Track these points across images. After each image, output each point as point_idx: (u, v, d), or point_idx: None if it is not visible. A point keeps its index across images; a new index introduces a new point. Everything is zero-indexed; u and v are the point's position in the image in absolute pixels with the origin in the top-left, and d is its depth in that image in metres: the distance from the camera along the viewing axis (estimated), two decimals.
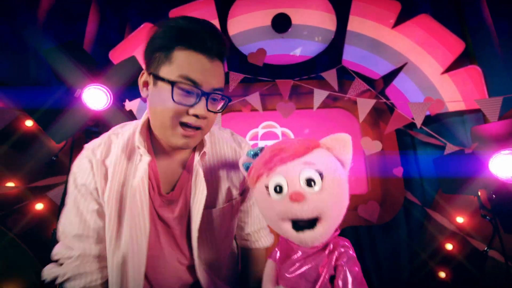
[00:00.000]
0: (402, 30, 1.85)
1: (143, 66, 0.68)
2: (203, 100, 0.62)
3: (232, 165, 0.80)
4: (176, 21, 0.62)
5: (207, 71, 0.62)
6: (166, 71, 0.61)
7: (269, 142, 1.98)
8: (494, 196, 1.05)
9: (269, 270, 0.59)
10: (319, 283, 0.49)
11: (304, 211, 0.46)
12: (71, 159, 1.50)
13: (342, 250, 0.51)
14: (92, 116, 1.36)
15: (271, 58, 1.98)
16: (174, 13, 1.89)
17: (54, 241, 1.37)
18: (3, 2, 1.65)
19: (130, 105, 1.52)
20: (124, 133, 0.74)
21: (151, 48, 0.63)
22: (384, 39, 1.88)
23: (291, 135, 2.04)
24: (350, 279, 0.48)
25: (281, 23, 1.95)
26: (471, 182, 1.07)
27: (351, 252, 0.52)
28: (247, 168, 0.58)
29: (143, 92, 0.68)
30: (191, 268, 0.77)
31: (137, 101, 1.85)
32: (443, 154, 1.74)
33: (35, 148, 1.68)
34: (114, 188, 0.68)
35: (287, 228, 0.49)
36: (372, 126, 1.97)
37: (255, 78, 1.98)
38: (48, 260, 0.70)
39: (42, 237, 1.70)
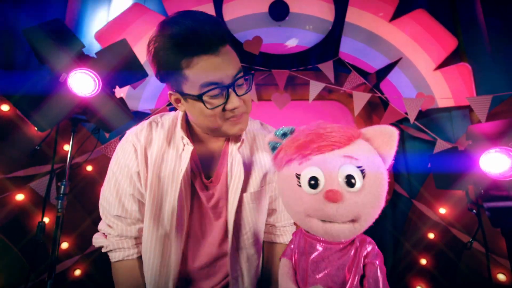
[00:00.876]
0: (399, 24, 1.86)
1: (160, 80, 0.71)
2: (231, 92, 0.65)
3: (264, 151, 0.83)
4: (170, 34, 0.61)
5: (219, 66, 0.63)
6: (188, 88, 0.65)
7: None
8: (482, 191, 1.10)
9: (286, 270, 0.52)
10: (349, 285, 0.45)
11: (339, 214, 0.41)
12: (55, 148, 1.41)
13: (370, 247, 0.47)
14: (79, 103, 1.27)
15: (267, 46, 1.92)
16: None
17: (39, 235, 1.31)
18: None
19: (120, 91, 1.43)
20: (164, 122, 0.80)
21: (165, 71, 0.66)
22: (381, 32, 1.88)
23: None
24: (381, 278, 0.44)
25: (279, 11, 1.89)
26: (462, 178, 1.12)
27: (377, 249, 0.47)
28: (273, 149, 0.52)
29: (180, 108, 0.73)
30: (224, 253, 0.80)
31: (126, 88, 1.75)
32: (430, 148, 1.80)
33: (14, 136, 1.56)
34: (155, 173, 0.74)
35: (316, 223, 0.44)
36: (365, 119, 2.00)
37: (251, 67, 1.93)
38: (30, 253, 0.73)
39: (24, 229, 1.61)
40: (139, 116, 1.74)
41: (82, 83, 1.26)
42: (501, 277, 1.60)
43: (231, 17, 1.88)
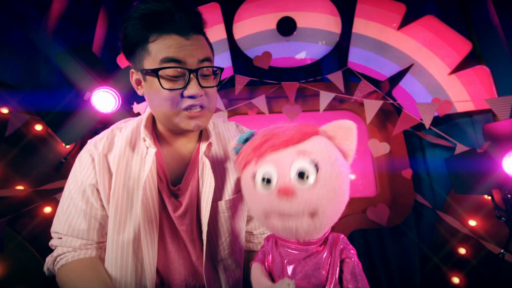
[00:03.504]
0: (408, 32, 1.85)
1: (128, 61, 0.67)
2: (193, 78, 0.60)
3: None
4: (138, 9, 0.59)
5: (186, 47, 0.59)
6: (149, 63, 0.60)
7: None
8: (509, 196, 1.02)
9: (259, 273, 0.49)
10: (328, 283, 0.43)
11: (293, 210, 0.40)
12: None
13: (344, 243, 0.46)
14: (101, 119, 1.38)
15: (276, 61, 1.99)
16: None
17: None
18: (16, 9, 1.70)
19: (138, 107, 1.54)
20: (128, 126, 0.73)
21: (128, 44, 0.62)
22: (390, 40, 1.88)
23: None
24: (358, 272, 0.43)
25: (286, 27, 1.97)
26: (484, 181, 1.04)
27: (351, 245, 0.47)
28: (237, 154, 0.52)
29: (138, 90, 0.67)
30: (199, 265, 0.73)
31: (144, 104, 1.87)
32: (452, 154, 1.71)
33: (44, 152, 1.70)
34: (120, 181, 0.67)
35: (274, 223, 0.43)
36: (379, 128, 1.95)
37: (261, 81, 1.99)
38: None
39: (50, 240, 1.70)
40: None
41: (104, 101, 1.38)
42: None
43: (241, 35, 1.99)
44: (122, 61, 1.91)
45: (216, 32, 1.91)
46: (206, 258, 0.70)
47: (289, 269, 0.46)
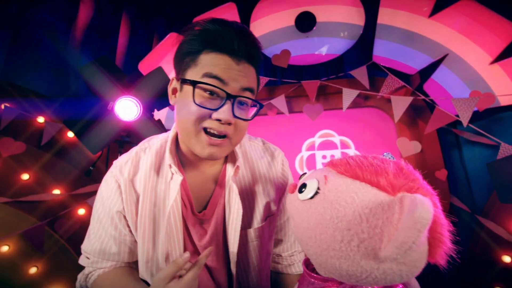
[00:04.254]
0: (441, 19, 1.68)
1: (174, 74, 0.66)
2: (228, 103, 0.57)
3: (266, 178, 0.73)
4: (202, 25, 0.59)
5: (233, 70, 0.57)
6: (192, 74, 0.58)
7: (327, 152, 1.93)
8: None
9: None
10: None
11: None
12: (106, 168, 1.59)
13: None
14: (123, 127, 1.43)
15: (296, 59, 1.92)
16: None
17: None
18: (46, 23, 1.81)
19: (158, 114, 1.57)
20: (152, 147, 0.70)
21: (180, 54, 0.62)
22: (420, 30, 1.72)
23: (351, 144, 1.91)
24: None
25: (305, 22, 1.89)
26: None
27: None
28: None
29: (171, 99, 0.65)
30: None
31: (165, 111, 1.91)
32: (495, 154, 1.54)
33: (76, 157, 1.81)
34: (146, 208, 0.65)
35: None
36: (409, 125, 1.81)
37: (280, 81, 1.93)
38: None
39: (84, 239, 1.82)
40: None
41: (126, 109, 1.42)
42: None
43: (258, 34, 1.94)
44: (143, 67, 1.96)
45: None
46: None
47: None
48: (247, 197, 0.70)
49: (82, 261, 0.72)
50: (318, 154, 1.90)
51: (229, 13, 1.91)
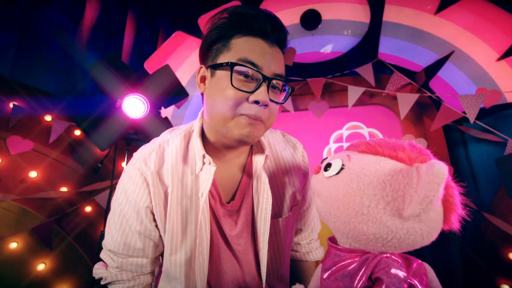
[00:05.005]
0: (447, 16, 1.68)
1: (200, 62, 0.65)
2: (264, 85, 0.56)
3: (291, 168, 0.74)
4: (233, 9, 0.59)
5: (268, 54, 0.57)
6: (224, 58, 0.58)
7: None
8: None
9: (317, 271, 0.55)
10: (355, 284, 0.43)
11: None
12: (114, 165, 1.60)
13: (382, 266, 0.43)
14: (131, 124, 1.44)
15: (301, 56, 1.92)
16: (203, 19, 1.92)
17: (101, 242, 1.48)
18: (53, 23, 1.83)
19: (165, 112, 1.58)
20: (174, 138, 0.68)
21: (209, 42, 0.61)
22: (426, 27, 1.72)
23: (380, 136, 1.90)
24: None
25: (311, 20, 1.89)
26: None
27: (393, 271, 0.42)
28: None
29: (200, 87, 0.64)
30: (254, 286, 0.71)
31: (171, 108, 1.92)
32: (501, 151, 1.53)
33: (82, 155, 1.82)
34: (174, 200, 0.64)
35: None
36: (415, 122, 1.81)
37: (286, 78, 1.94)
38: (97, 259, 0.73)
39: (91, 237, 1.84)
40: None
41: (134, 107, 1.43)
42: None
43: None
44: (149, 66, 1.97)
45: None
46: (265, 277, 0.69)
47: (323, 271, 0.49)
48: (275, 187, 0.70)
49: (104, 258, 0.70)
50: (346, 146, 1.89)
51: None
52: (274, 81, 0.58)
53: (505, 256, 1.60)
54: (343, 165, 0.46)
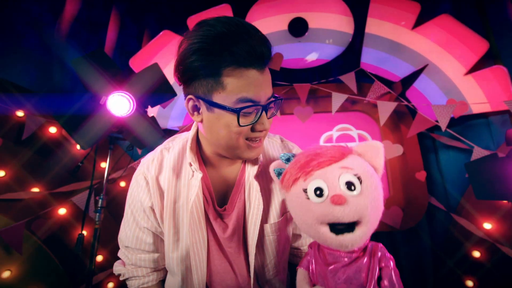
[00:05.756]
0: (422, 31, 1.82)
1: (179, 82, 0.62)
2: (264, 113, 0.60)
3: None
4: (211, 31, 0.53)
5: (261, 84, 0.57)
6: (221, 98, 0.56)
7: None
8: None
9: (301, 277, 0.58)
10: (367, 286, 0.49)
11: (346, 214, 0.46)
12: (94, 165, 1.53)
13: (382, 251, 0.52)
14: (116, 123, 1.39)
15: (288, 62, 1.97)
16: (192, 20, 1.91)
17: (78, 246, 1.40)
18: (31, 13, 1.72)
19: (152, 111, 1.54)
20: (175, 147, 0.75)
21: (192, 69, 0.56)
22: (404, 41, 1.85)
23: (369, 138, 1.96)
24: (395, 279, 0.49)
25: (298, 27, 1.95)
26: (506, 187, 1.03)
27: (388, 253, 0.53)
28: (278, 174, 0.59)
29: (195, 117, 0.63)
30: (246, 286, 0.75)
31: (156, 108, 1.88)
32: (467, 157, 1.68)
33: (58, 154, 1.72)
34: (168, 205, 0.70)
35: (325, 232, 0.48)
36: (392, 129, 1.93)
37: (273, 83, 1.98)
38: (70, 264, 0.79)
39: (65, 240, 1.73)
40: (168, 133, 1.84)
41: (119, 105, 1.38)
42: None
43: None
44: (135, 64, 1.92)
45: None
46: (253, 280, 0.73)
47: (333, 273, 0.52)
48: (268, 193, 0.74)
49: (121, 256, 0.78)
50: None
51: (223, 14, 1.93)
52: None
53: (470, 254, 1.74)
54: (358, 177, 0.49)
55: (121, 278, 0.77)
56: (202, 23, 0.55)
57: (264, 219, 0.73)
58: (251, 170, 0.71)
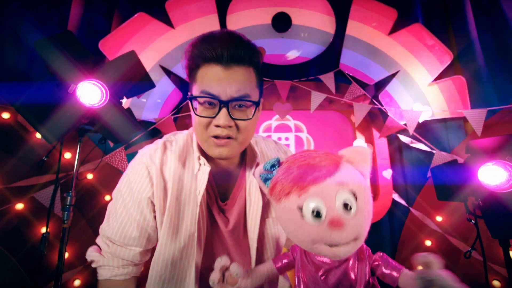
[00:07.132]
0: (397, 38, 1.93)
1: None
2: (224, 110, 0.63)
3: None
4: (196, 39, 0.66)
5: (223, 80, 0.62)
6: (194, 91, 0.66)
7: (283, 135, 2.01)
8: (480, 203, 1.15)
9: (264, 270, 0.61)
10: (357, 284, 0.52)
11: (343, 237, 0.46)
12: (60, 158, 1.39)
13: (369, 251, 0.56)
14: (86, 113, 1.27)
15: (270, 57, 1.96)
16: (171, 4, 1.79)
17: (42, 246, 1.29)
18: None
19: (127, 102, 1.43)
20: (178, 140, 0.77)
21: (189, 72, 0.68)
22: (380, 45, 1.94)
23: (304, 128, 2.02)
24: (390, 260, 0.53)
25: (282, 23, 1.93)
26: (462, 189, 1.16)
27: (370, 250, 0.56)
28: (265, 180, 0.55)
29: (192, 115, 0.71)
30: None
31: (134, 98, 1.74)
32: (427, 158, 1.86)
33: (15, 145, 1.53)
34: (173, 194, 0.71)
35: (319, 246, 0.48)
36: (364, 129, 2.05)
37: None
38: (28, 263, 0.73)
39: (22, 240, 1.58)
40: (143, 125, 1.73)
41: (90, 94, 1.26)
42: (496, 283, 1.67)
43: (234, 27, 1.92)
44: (105, 47, 1.75)
45: (208, 23, 1.82)
46: None
47: (324, 277, 0.53)
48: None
49: (100, 243, 0.76)
50: (274, 136, 2.00)
51: (205, 1, 1.83)
52: (233, 103, 0.63)
53: (422, 244, 1.97)
54: (353, 194, 0.48)
55: (93, 265, 0.75)
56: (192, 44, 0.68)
57: (265, 214, 0.76)
58: (250, 168, 0.76)
